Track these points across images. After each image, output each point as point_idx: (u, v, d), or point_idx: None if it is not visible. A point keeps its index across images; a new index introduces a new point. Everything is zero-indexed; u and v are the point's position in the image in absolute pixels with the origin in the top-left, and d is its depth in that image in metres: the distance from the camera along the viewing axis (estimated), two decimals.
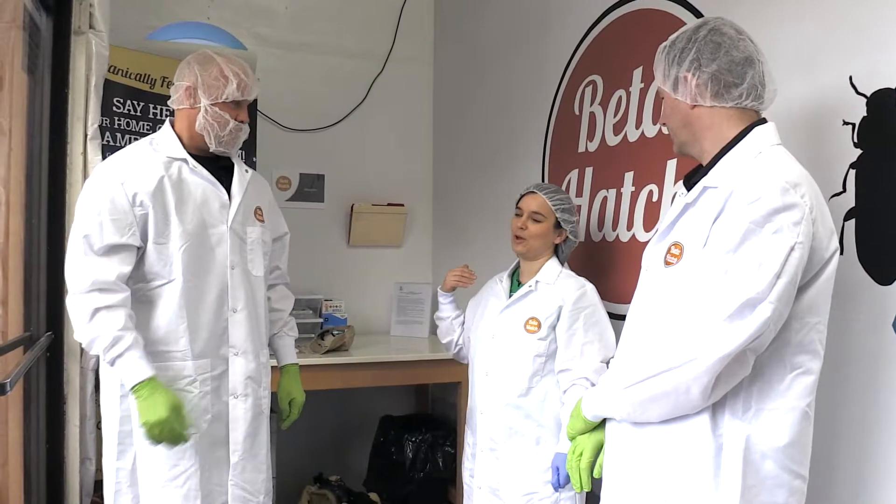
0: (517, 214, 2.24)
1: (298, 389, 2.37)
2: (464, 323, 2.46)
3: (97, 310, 1.84)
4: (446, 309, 2.48)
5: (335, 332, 3.14)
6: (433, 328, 3.09)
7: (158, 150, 2.01)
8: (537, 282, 2.16)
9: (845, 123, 1.60)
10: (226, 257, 2.05)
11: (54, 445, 2.25)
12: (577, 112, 2.68)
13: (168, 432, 1.83)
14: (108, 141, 2.64)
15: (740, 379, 1.29)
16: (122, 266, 1.89)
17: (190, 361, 1.98)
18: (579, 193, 2.63)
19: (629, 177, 2.36)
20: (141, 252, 1.95)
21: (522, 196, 2.25)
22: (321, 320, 3.54)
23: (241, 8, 3.68)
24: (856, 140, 1.58)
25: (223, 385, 2.05)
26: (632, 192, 2.35)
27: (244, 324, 2.08)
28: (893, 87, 1.49)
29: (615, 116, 2.46)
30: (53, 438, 2.25)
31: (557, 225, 2.19)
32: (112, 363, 1.85)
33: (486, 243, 3.33)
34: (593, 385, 1.96)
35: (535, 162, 2.95)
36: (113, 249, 1.89)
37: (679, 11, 2.16)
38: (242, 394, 2.07)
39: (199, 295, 2.00)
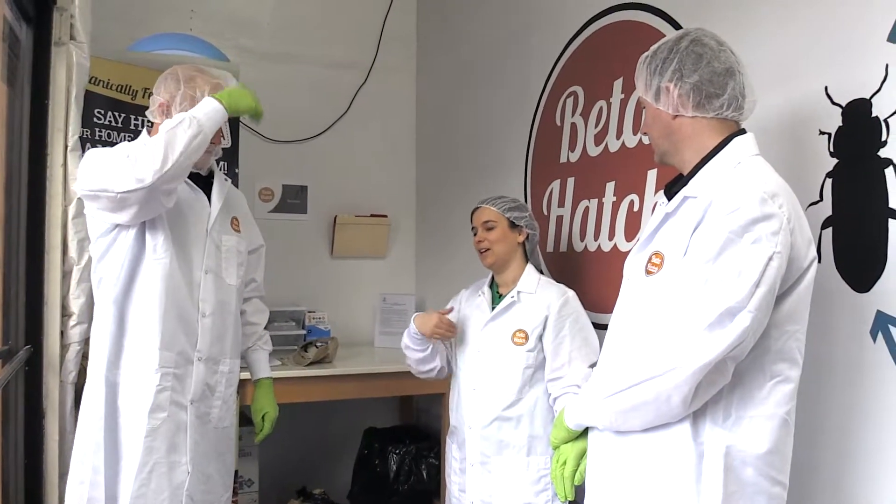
0: (473, 233, 2.27)
1: (272, 403, 2.36)
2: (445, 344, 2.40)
3: (133, 150, 1.82)
4: (422, 341, 2.25)
5: (318, 344, 3.12)
6: None
7: None
8: (519, 292, 2.17)
9: (821, 133, 1.62)
10: (201, 261, 2.06)
11: (33, 461, 2.22)
12: (558, 123, 2.70)
13: (246, 98, 1.99)
14: None
15: (720, 387, 1.30)
16: None
17: (157, 350, 1.97)
18: (561, 203, 2.64)
19: (610, 187, 2.38)
20: (129, 231, 1.95)
21: (472, 215, 2.29)
22: (304, 332, 3.52)
23: (223, 19, 3.67)
24: (832, 149, 1.60)
25: (185, 387, 2.03)
26: (613, 201, 2.36)
27: (210, 330, 2.08)
28: (867, 98, 1.52)
29: (596, 127, 2.48)
30: (32, 453, 2.22)
31: (512, 225, 2.21)
32: (197, 123, 1.85)
33: (470, 254, 3.30)
34: None
35: (517, 172, 2.96)
36: None
37: (658, 23, 2.18)
38: (198, 400, 2.06)
39: (176, 292, 2.00)
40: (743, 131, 1.44)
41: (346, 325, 3.80)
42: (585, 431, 1.56)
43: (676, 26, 2.10)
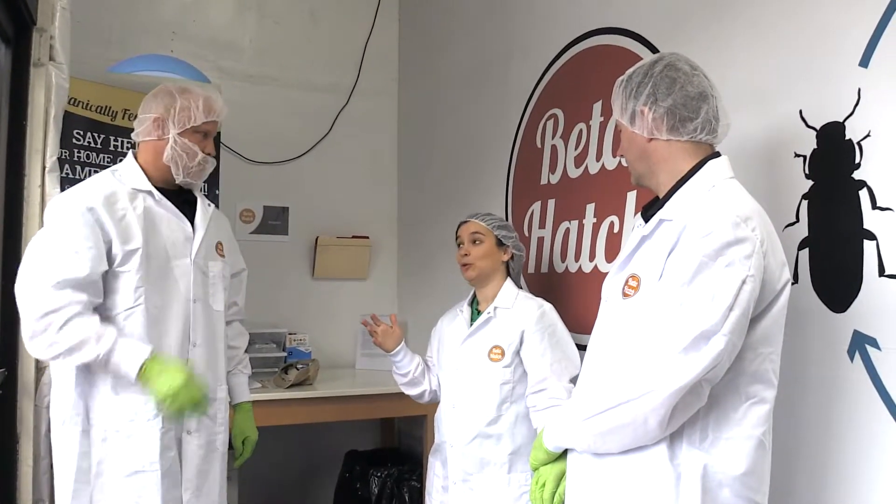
0: (458, 245, 2.27)
1: (252, 427, 2.34)
2: (429, 365, 2.43)
3: (69, 319, 1.78)
4: (402, 366, 2.39)
5: (299, 366, 3.10)
6: None
7: (123, 182, 1.99)
8: (496, 308, 2.17)
9: (797, 156, 1.64)
10: (189, 290, 2.03)
11: (6, 486, 2.18)
12: (539, 145, 2.72)
13: (188, 399, 1.83)
14: (67, 173, 2.60)
15: (696, 409, 1.30)
16: (93, 297, 1.85)
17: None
18: (542, 225, 2.66)
19: (591, 208, 2.40)
20: (107, 275, 1.90)
21: (458, 228, 2.29)
22: (285, 354, 3.50)
23: (204, 41, 3.68)
24: (807, 171, 1.62)
25: (186, 421, 2.00)
26: (593, 223, 2.38)
27: (202, 358, 2.05)
28: (841, 121, 1.54)
29: (576, 149, 2.50)
30: (5, 479, 2.18)
31: (499, 244, 2.22)
32: (107, 360, 1.80)
33: (451, 275, 3.32)
34: None
35: (498, 194, 2.97)
36: (82, 282, 1.83)
37: (636, 47, 2.21)
38: (196, 430, 2.02)
39: (163, 326, 1.97)
40: (717, 154, 1.45)
41: (327, 347, 3.78)
42: (565, 453, 1.55)
43: (654, 50, 2.12)
